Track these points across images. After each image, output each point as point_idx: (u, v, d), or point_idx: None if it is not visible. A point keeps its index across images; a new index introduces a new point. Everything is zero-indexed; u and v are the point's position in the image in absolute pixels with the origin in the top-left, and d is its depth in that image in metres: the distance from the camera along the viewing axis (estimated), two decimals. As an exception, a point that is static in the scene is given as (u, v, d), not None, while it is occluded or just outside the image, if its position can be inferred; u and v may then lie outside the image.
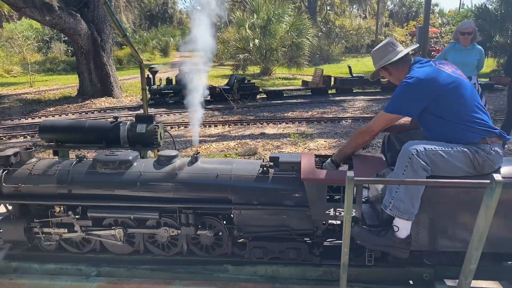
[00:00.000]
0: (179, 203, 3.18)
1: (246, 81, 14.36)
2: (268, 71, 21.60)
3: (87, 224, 3.29)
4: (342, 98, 14.38)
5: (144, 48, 39.30)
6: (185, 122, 10.71)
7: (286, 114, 11.87)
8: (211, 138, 9.01)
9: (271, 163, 3.20)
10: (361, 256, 3.14)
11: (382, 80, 15.45)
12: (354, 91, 15.69)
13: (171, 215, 3.25)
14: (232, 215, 3.20)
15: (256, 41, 19.87)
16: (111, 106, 13.73)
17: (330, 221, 3.09)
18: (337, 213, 2.96)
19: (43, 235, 3.35)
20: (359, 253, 3.16)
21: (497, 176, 2.24)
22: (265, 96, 14.94)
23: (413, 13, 49.79)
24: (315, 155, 3.28)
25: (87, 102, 14.51)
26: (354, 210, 2.90)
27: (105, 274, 3.28)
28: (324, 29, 36.07)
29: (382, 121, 3.02)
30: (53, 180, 3.26)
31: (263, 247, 3.20)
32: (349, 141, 3.17)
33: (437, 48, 30.73)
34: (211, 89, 14.22)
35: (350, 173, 2.45)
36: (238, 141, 8.63)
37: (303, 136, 8.69)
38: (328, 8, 38.83)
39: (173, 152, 3.36)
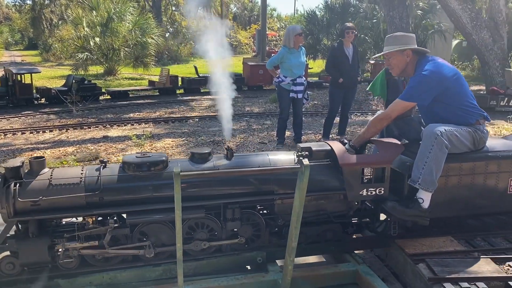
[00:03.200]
0: (224, 199, 3.12)
1: (86, 82, 13.42)
2: (113, 71, 20.56)
3: (124, 232, 3.02)
4: (190, 97, 14.48)
5: (-40, 45, 33.75)
6: (14, 129, 9.52)
7: (132, 115, 11.46)
8: (45, 145, 8.19)
9: (307, 153, 3.23)
10: (381, 227, 3.56)
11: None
12: (201, 90, 15.93)
13: (209, 213, 3.15)
14: (274, 206, 3.26)
15: (97, 39, 18.72)
16: None
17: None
18: (369, 193, 3.27)
19: (68, 252, 2.95)
20: (380, 224, 3.59)
21: (305, 161, 2.50)
22: (109, 97, 14.18)
23: (255, 17, 52.77)
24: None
25: None
26: (381, 188, 3.28)
27: None
28: (171, 29, 35.83)
29: (399, 108, 3.41)
30: (80, 189, 2.94)
31: (302, 232, 3.20)
32: (368, 127, 3.50)
33: (277, 50, 33.14)
34: (45, 91, 12.95)
35: (177, 169, 2.48)
36: (77, 146, 8.02)
37: (148, 136, 8.50)
38: (174, 8, 38.69)
39: (206, 150, 3.27)
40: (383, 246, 3.60)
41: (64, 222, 3.20)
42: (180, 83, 15.77)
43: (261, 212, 3.36)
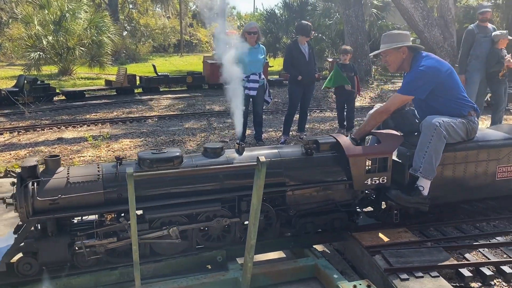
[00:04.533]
0: (239, 192, 3.20)
1: (39, 82, 12.89)
2: (68, 71, 19.86)
3: (143, 228, 3.02)
4: (149, 97, 14.20)
5: None
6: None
7: (88, 116, 11.12)
8: (-5, 148, 7.81)
9: (314, 145, 3.40)
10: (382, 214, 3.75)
11: (187, 81, 15.87)
12: (161, 89, 15.67)
13: (224, 206, 3.22)
14: (285, 197, 3.38)
15: (50, 38, 18.01)
16: None
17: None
18: (373, 182, 3.45)
19: (87, 249, 2.94)
20: (380, 212, 3.76)
21: (261, 158, 2.50)
22: (64, 97, 13.69)
23: (215, 15, 52.36)
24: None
25: None
26: (384, 177, 3.47)
27: None
28: (128, 27, 35.03)
29: (397, 101, 3.63)
30: (98, 186, 2.96)
31: (311, 222, 3.45)
32: (369, 121, 3.73)
33: (237, 48, 33.01)
34: (-6, 92, 12.35)
35: (130, 169, 2.42)
36: (30, 149, 7.70)
37: (106, 137, 8.27)
38: (131, 6, 37.84)
39: (217, 145, 3.35)
40: (341, 239, 3.67)
41: (76, 221, 3.20)
42: (138, 82, 15.42)
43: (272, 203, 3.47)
